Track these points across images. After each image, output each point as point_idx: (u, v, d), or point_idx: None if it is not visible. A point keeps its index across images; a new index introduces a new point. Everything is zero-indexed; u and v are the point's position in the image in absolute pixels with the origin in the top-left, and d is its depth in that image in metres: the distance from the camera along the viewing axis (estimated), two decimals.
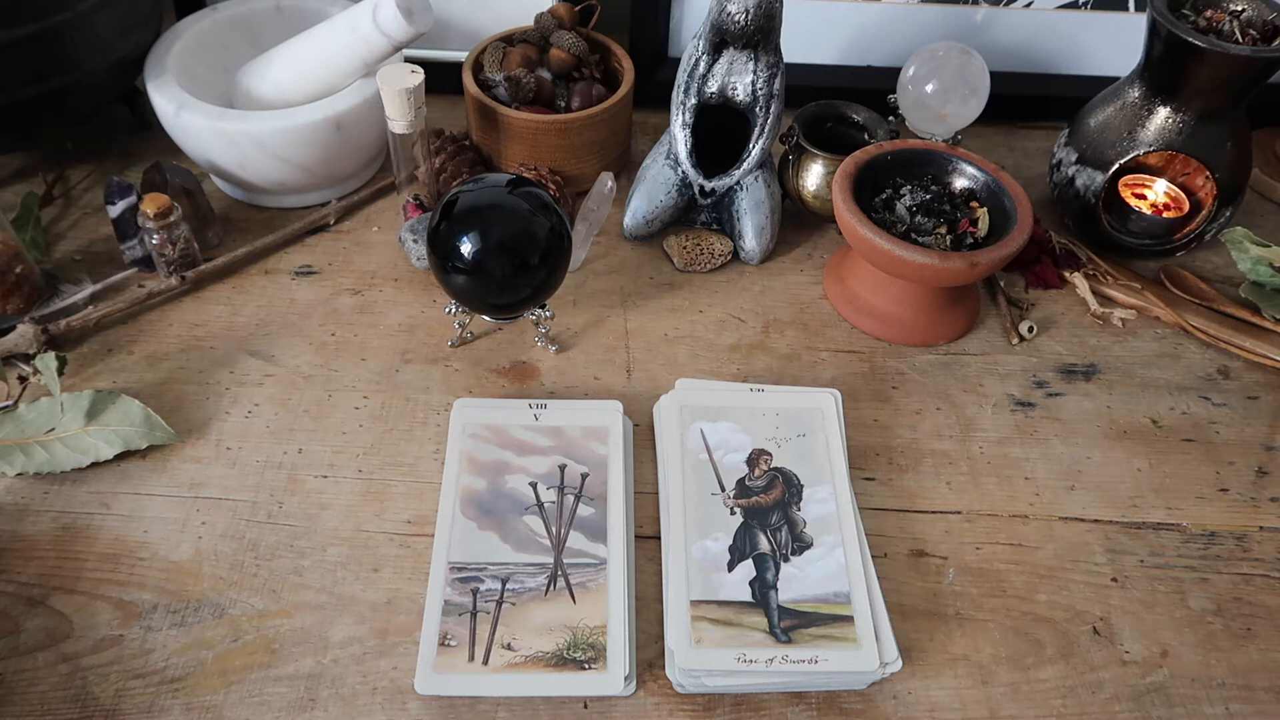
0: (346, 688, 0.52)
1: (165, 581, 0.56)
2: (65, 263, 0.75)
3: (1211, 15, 0.73)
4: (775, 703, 0.52)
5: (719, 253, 0.77)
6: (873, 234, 0.66)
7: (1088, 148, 0.77)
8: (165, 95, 0.73)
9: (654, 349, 0.71)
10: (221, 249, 0.76)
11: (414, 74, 0.69)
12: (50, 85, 0.70)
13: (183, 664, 0.52)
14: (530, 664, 0.52)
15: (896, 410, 0.68)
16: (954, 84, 0.77)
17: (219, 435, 0.63)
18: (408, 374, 0.68)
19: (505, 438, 0.62)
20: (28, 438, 0.61)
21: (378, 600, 0.56)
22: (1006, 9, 0.88)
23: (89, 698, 0.51)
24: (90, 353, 0.68)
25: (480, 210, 0.61)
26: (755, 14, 0.67)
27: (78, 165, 0.83)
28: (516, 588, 0.55)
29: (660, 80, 0.87)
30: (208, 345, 0.69)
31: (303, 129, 0.72)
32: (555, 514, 0.58)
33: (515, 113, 0.77)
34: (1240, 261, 0.75)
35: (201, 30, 0.79)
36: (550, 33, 0.83)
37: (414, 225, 0.74)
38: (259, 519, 0.59)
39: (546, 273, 0.62)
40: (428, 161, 0.75)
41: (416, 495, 0.61)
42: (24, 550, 0.57)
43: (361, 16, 0.71)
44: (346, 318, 0.72)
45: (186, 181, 0.74)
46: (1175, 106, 0.73)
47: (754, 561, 0.56)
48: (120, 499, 0.60)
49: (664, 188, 0.76)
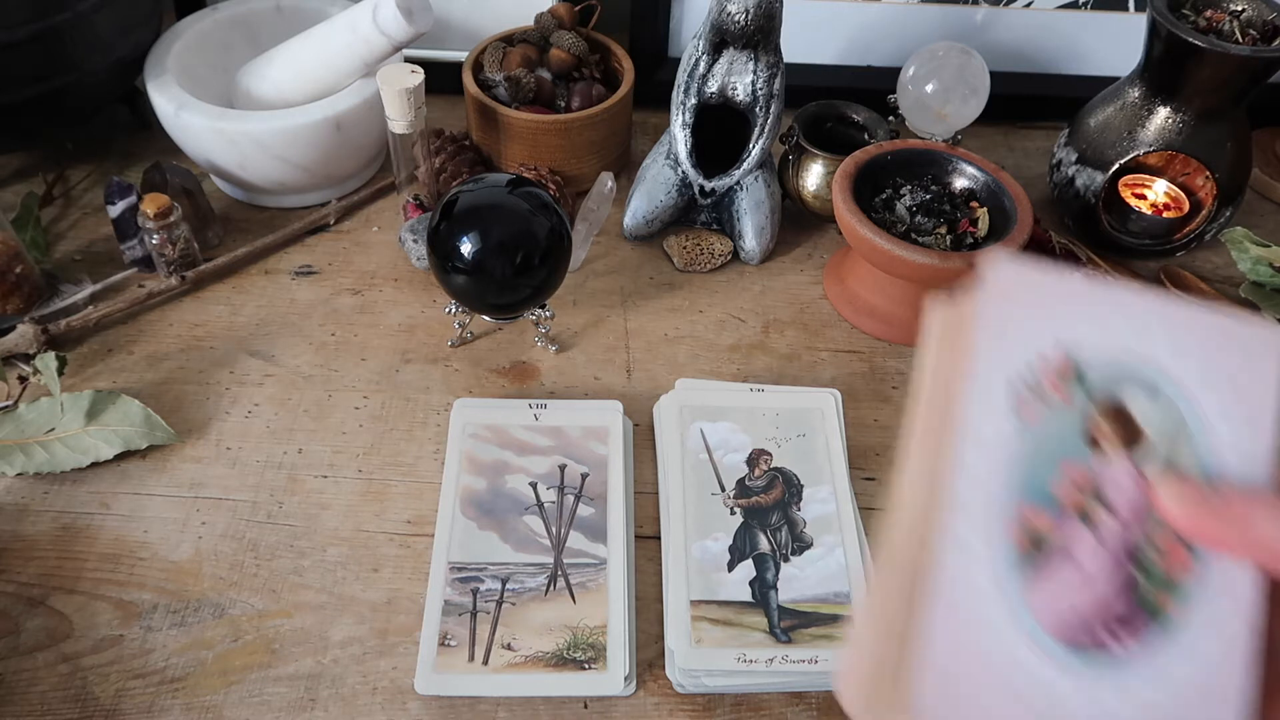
0: (346, 688, 0.52)
1: (165, 581, 0.56)
2: (65, 263, 0.75)
3: (1211, 15, 0.73)
4: (775, 703, 0.52)
5: (719, 253, 0.77)
6: (873, 234, 0.66)
7: (1088, 148, 0.77)
8: (165, 95, 0.73)
9: (654, 349, 0.71)
10: (221, 249, 0.76)
11: (414, 74, 0.69)
12: (50, 85, 0.70)
13: (183, 664, 0.52)
14: (530, 664, 0.52)
15: (896, 410, 0.68)
16: (954, 84, 0.77)
17: (219, 435, 0.63)
18: (408, 374, 0.68)
19: (505, 438, 0.62)
20: (28, 438, 0.61)
21: (378, 600, 0.56)
22: (1006, 9, 0.88)
23: (89, 698, 0.51)
24: (90, 353, 0.68)
25: (480, 210, 0.61)
26: (755, 14, 0.67)
27: (78, 165, 0.83)
28: (516, 588, 0.55)
29: (660, 80, 0.87)
30: (208, 345, 0.69)
31: (303, 129, 0.72)
32: (555, 514, 0.58)
33: (515, 113, 0.77)
34: (1240, 261, 0.75)
35: (201, 30, 0.79)
36: (550, 33, 0.83)
37: (414, 225, 0.74)
38: (259, 519, 0.59)
39: (546, 273, 0.62)
40: (428, 161, 0.75)
41: (416, 495, 0.61)
42: (24, 550, 0.57)
43: (361, 16, 0.71)
44: (346, 318, 0.72)
45: (186, 181, 0.74)
46: (1175, 106, 0.73)
47: (754, 561, 0.56)
48: (120, 499, 0.60)
49: (664, 188, 0.76)
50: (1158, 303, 0.29)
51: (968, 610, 0.26)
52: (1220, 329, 0.29)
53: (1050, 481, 0.28)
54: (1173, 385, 0.29)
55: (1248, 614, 0.27)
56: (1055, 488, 0.28)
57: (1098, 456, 0.28)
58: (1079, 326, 0.29)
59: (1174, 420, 0.29)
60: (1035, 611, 0.27)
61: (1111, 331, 0.29)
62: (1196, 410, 0.29)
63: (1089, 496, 0.28)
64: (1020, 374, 0.29)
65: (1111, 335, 0.29)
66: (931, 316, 0.30)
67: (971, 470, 0.28)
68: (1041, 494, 0.28)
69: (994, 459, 0.28)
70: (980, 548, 0.27)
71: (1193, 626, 0.27)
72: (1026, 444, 0.28)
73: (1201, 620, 0.27)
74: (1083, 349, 0.29)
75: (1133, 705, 0.26)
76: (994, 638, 0.26)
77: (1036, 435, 0.28)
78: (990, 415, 0.28)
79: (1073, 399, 0.29)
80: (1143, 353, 0.29)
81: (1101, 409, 0.29)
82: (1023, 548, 0.27)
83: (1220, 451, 0.28)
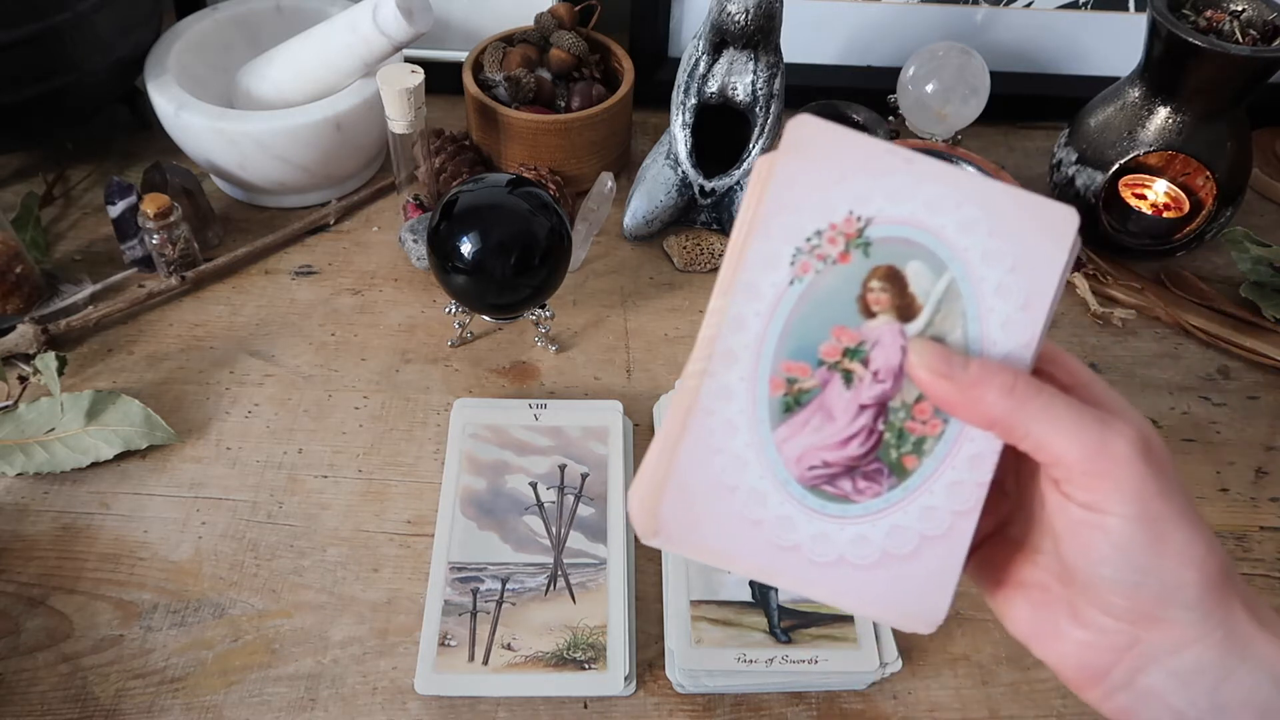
0: (346, 688, 0.52)
1: (165, 581, 0.56)
2: (65, 263, 0.75)
3: (1211, 15, 0.73)
4: (775, 703, 0.52)
5: (719, 253, 0.77)
6: None
7: (1088, 148, 0.77)
8: (165, 95, 0.73)
9: (654, 349, 0.71)
10: (221, 249, 0.76)
11: (414, 74, 0.69)
12: (50, 85, 0.70)
13: (183, 664, 0.52)
14: (530, 664, 0.52)
15: None
16: (954, 84, 0.77)
17: (219, 435, 0.63)
18: (408, 374, 0.68)
19: (505, 438, 0.62)
20: (28, 438, 0.61)
21: (378, 600, 0.56)
22: (1006, 9, 0.88)
23: (89, 698, 0.51)
24: (90, 353, 0.68)
25: (480, 210, 0.61)
26: (755, 14, 0.67)
27: (78, 165, 0.83)
28: (516, 588, 0.55)
29: (660, 80, 0.87)
30: (208, 345, 0.69)
31: (303, 129, 0.72)
32: (555, 514, 0.58)
33: (515, 113, 0.77)
34: (1240, 261, 0.75)
35: (201, 30, 0.79)
36: (550, 33, 0.83)
37: (414, 225, 0.74)
38: (259, 519, 0.59)
39: (546, 273, 0.62)
40: (428, 161, 0.75)
41: (416, 495, 0.61)
42: (24, 550, 0.57)
43: (361, 16, 0.71)
44: (346, 318, 0.72)
45: (186, 181, 0.74)
46: (1175, 106, 0.73)
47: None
48: (120, 499, 0.60)
49: (664, 188, 0.76)
50: (958, 178, 0.30)
51: (717, 440, 0.30)
52: (1015, 207, 0.30)
53: (820, 340, 0.30)
54: (955, 258, 0.30)
55: (980, 475, 0.30)
56: (822, 347, 0.30)
57: (869, 321, 0.30)
58: (872, 192, 0.30)
59: (949, 292, 0.30)
60: (782, 451, 0.30)
61: (903, 200, 0.30)
62: (973, 285, 0.30)
63: (852, 357, 0.30)
64: (805, 233, 0.30)
65: (902, 204, 0.30)
66: (754, 168, 0.31)
67: (744, 321, 0.30)
68: (809, 352, 0.30)
69: (766, 313, 0.30)
70: (742, 391, 0.30)
71: (929, 487, 0.30)
72: (802, 302, 0.30)
73: (939, 481, 0.30)
74: (870, 213, 0.30)
75: (849, 536, 0.30)
76: (737, 468, 0.30)
77: (812, 293, 0.30)
78: (768, 270, 0.30)
79: (852, 259, 0.30)
80: (930, 224, 0.30)
81: (878, 273, 0.30)
82: (785, 396, 0.30)
83: (988, 326, 0.30)
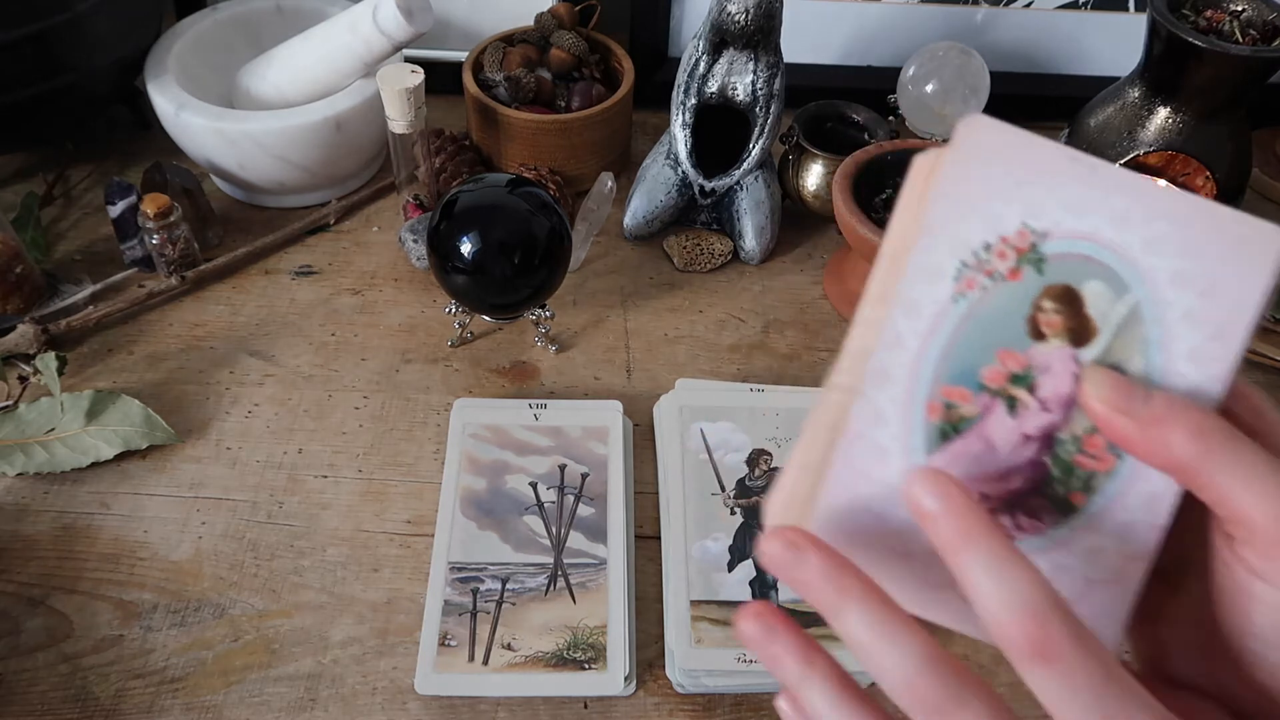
0: (346, 688, 0.52)
1: (165, 581, 0.56)
2: (65, 263, 0.75)
3: (1211, 15, 0.73)
4: None
5: (719, 253, 0.77)
6: (873, 234, 0.65)
7: (1088, 148, 0.77)
8: (165, 95, 0.73)
9: (654, 349, 0.71)
10: (221, 249, 0.76)
11: (414, 74, 0.69)
12: (50, 85, 0.70)
13: (183, 664, 0.52)
14: (530, 664, 0.52)
15: None
16: (954, 84, 0.77)
17: (219, 435, 0.63)
18: (408, 374, 0.68)
19: (505, 438, 0.62)
20: (28, 438, 0.61)
21: (378, 600, 0.56)
22: (1006, 9, 0.88)
23: (89, 698, 0.51)
24: (90, 353, 0.68)
25: (480, 210, 0.61)
26: (755, 14, 0.67)
27: (78, 165, 0.83)
28: (516, 588, 0.55)
29: (660, 80, 0.87)
30: (208, 345, 0.69)
31: (303, 129, 0.72)
32: (555, 514, 0.58)
33: (515, 113, 0.77)
34: None
35: (201, 30, 0.79)
36: (550, 33, 0.83)
37: (414, 225, 0.74)
38: (259, 519, 0.59)
39: (546, 273, 0.62)
40: (428, 161, 0.75)
41: (416, 495, 0.61)
42: (24, 550, 0.57)
43: (361, 16, 0.71)
44: (346, 318, 0.72)
45: (186, 181, 0.74)
46: (1175, 106, 0.73)
47: (754, 561, 0.56)
48: (120, 499, 0.60)
49: (664, 188, 0.76)
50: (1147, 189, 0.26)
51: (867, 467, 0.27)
52: (1211, 223, 0.26)
53: (982, 363, 0.27)
54: (1140, 279, 0.26)
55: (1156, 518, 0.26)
56: (985, 371, 0.27)
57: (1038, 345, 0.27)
58: (1048, 201, 0.26)
59: (1130, 316, 0.26)
60: None
61: (1084, 212, 0.26)
62: (1159, 309, 0.26)
63: (1018, 383, 0.27)
64: (972, 246, 0.27)
65: (1083, 216, 0.26)
66: (914, 167, 0.28)
67: (901, 339, 0.27)
68: (969, 376, 0.27)
69: (925, 331, 0.27)
70: (895, 416, 0.27)
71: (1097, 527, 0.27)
72: (965, 322, 0.27)
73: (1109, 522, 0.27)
74: (1046, 226, 0.26)
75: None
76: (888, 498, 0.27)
77: (977, 313, 0.27)
78: (930, 284, 0.27)
79: (1023, 276, 0.27)
80: (1114, 240, 0.26)
81: (1052, 293, 0.26)
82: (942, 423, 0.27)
83: (1174, 356, 0.26)
